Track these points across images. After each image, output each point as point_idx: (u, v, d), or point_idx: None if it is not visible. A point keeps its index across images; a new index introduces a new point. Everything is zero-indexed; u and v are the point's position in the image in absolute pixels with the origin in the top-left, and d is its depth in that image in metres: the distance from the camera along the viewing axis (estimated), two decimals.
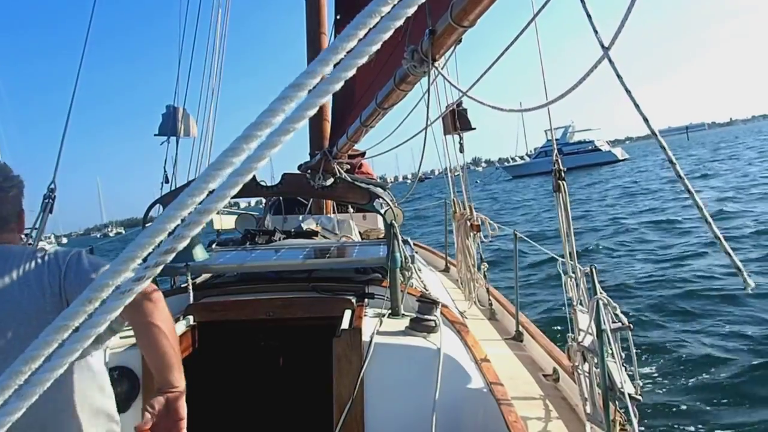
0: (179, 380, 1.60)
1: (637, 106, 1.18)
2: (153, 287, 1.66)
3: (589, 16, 1.27)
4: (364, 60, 0.46)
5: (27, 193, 1.85)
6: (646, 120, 1.17)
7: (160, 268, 0.50)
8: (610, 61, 1.22)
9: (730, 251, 1.15)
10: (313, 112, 0.47)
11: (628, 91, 1.19)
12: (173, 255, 0.49)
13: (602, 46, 1.22)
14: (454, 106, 3.70)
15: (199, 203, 0.46)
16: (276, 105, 0.46)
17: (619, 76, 1.19)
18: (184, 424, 1.57)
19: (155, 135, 5.85)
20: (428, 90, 2.22)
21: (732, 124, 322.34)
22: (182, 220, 0.47)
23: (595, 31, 1.24)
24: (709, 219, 1.17)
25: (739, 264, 1.16)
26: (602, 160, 54.36)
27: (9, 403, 0.46)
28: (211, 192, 0.46)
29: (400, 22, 0.46)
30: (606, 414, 1.86)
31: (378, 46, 0.46)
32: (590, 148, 56.48)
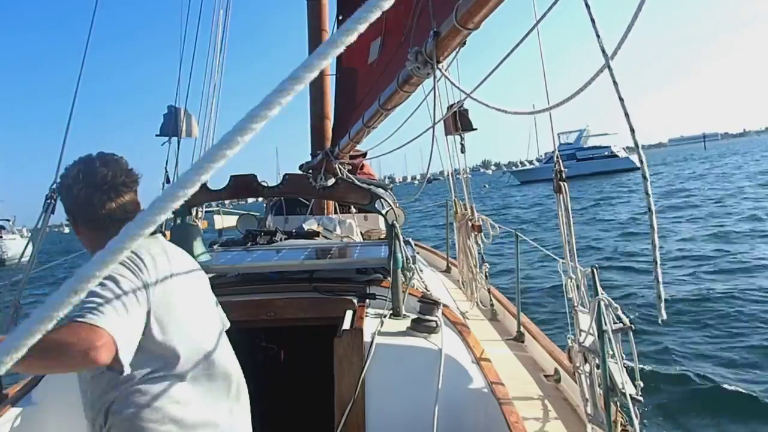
0: None
1: (626, 115, 1.18)
2: None
3: (592, 20, 1.24)
4: (353, 38, 0.45)
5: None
6: (632, 130, 1.17)
7: None
8: (609, 69, 1.19)
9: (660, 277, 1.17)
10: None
11: (621, 100, 1.18)
12: None
13: (604, 53, 1.20)
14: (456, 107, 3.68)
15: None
16: (273, 98, 0.45)
17: (615, 84, 1.18)
18: None
19: (156, 135, 5.84)
20: (433, 91, 2.21)
21: (745, 135, 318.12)
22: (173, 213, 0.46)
23: (598, 36, 1.22)
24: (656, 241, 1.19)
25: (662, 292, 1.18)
26: (620, 167, 51.83)
27: None
28: (203, 185, 0.46)
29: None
30: (607, 415, 1.85)
31: (365, 26, 0.45)
32: (606, 153, 54.12)
